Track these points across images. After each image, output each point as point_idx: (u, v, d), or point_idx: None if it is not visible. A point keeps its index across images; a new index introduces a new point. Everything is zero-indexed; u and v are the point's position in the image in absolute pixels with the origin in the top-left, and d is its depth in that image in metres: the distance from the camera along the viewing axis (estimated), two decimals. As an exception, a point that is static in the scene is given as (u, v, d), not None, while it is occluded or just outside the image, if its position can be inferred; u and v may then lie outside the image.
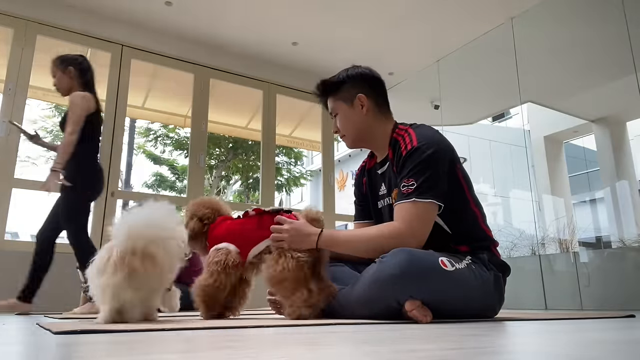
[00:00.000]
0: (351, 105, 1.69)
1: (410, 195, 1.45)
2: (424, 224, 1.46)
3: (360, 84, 1.70)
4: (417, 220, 1.45)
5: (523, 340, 0.83)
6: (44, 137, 10.66)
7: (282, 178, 11.85)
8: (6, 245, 3.30)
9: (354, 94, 1.68)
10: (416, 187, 1.45)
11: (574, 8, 3.86)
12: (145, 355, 0.66)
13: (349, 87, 1.69)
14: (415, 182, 1.45)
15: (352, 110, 1.69)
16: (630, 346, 0.73)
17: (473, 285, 1.41)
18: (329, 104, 1.76)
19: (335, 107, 1.73)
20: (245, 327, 1.17)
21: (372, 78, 1.74)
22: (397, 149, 1.57)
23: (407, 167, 1.49)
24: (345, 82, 1.71)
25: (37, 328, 1.26)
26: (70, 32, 3.81)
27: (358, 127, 1.69)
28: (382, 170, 1.69)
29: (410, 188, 1.46)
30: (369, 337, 0.87)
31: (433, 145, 1.50)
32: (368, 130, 1.69)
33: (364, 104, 1.68)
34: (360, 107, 1.68)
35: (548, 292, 3.47)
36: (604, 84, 4.19)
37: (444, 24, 4.05)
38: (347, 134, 1.72)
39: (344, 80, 1.71)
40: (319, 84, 1.78)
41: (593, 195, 5.47)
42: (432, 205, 1.45)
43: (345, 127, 1.71)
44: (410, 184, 1.46)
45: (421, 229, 1.45)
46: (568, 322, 1.40)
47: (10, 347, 0.79)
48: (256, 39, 4.27)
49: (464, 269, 1.41)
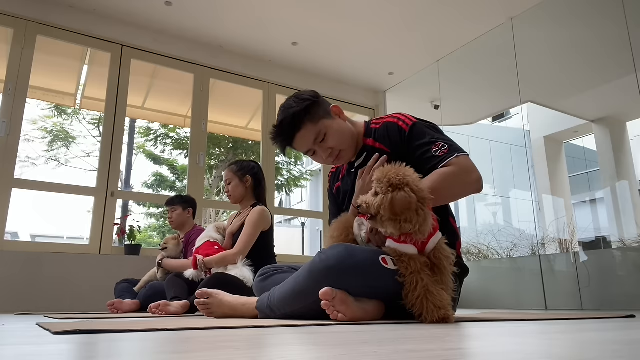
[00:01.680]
0: (333, 117, 1.65)
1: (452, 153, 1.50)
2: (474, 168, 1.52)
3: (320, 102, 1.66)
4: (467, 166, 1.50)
5: (523, 341, 0.83)
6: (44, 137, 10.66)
7: (282, 178, 11.84)
8: (6, 245, 3.30)
9: (326, 108, 1.65)
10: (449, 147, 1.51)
11: (574, 8, 3.86)
12: (145, 355, 0.66)
13: (317, 106, 1.63)
14: (445, 144, 1.52)
15: (337, 121, 1.66)
16: (631, 346, 0.73)
17: None
18: (312, 131, 1.60)
19: (321, 128, 1.61)
20: (245, 327, 1.17)
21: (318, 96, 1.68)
22: (393, 132, 1.60)
23: (421, 137, 1.55)
24: (313, 103, 1.62)
25: (37, 328, 1.26)
26: (70, 32, 3.81)
27: (351, 134, 1.67)
28: (358, 163, 1.69)
29: (444, 150, 1.51)
30: (369, 337, 0.87)
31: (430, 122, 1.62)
32: (353, 138, 1.68)
33: (339, 112, 1.68)
34: (338, 116, 1.67)
35: (548, 292, 3.47)
36: (604, 84, 4.19)
37: (444, 24, 4.05)
38: (345, 147, 1.66)
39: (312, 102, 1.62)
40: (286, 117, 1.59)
41: (593, 196, 5.46)
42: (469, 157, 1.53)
43: (341, 140, 1.63)
44: (441, 146, 1.51)
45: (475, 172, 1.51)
46: (568, 322, 1.40)
47: (10, 348, 0.79)
48: (256, 39, 4.27)
49: None
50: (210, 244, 2.75)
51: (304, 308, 1.40)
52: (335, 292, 1.30)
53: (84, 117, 10.82)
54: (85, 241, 3.78)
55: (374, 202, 1.28)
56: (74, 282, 3.36)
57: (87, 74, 4.44)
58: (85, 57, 4.24)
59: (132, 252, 3.67)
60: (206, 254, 2.69)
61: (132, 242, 3.78)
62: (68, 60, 4.21)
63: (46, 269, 3.30)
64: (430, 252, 1.34)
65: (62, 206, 20.94)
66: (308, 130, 1.60)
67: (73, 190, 3.74)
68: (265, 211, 2.77)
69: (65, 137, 10.88)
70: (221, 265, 2.63)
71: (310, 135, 1.61)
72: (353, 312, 1.31)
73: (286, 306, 1.45)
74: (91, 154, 11.22)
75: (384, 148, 1.61)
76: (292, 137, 1.62)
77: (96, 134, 10.98)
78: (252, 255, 2.66)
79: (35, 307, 3.18)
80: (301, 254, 12.31)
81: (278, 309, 1.47)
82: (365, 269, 1.33)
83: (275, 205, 4.66)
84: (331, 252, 1.36)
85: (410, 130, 1.57)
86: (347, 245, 1.41)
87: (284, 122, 1.60)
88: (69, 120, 10.77)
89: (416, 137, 1.56)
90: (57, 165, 10.95)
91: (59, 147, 10.90)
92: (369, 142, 1.66)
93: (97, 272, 3.44)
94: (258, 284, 1.77)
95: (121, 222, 3.95)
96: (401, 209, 1.24)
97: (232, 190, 2.85)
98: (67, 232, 14.77)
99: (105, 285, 3.24)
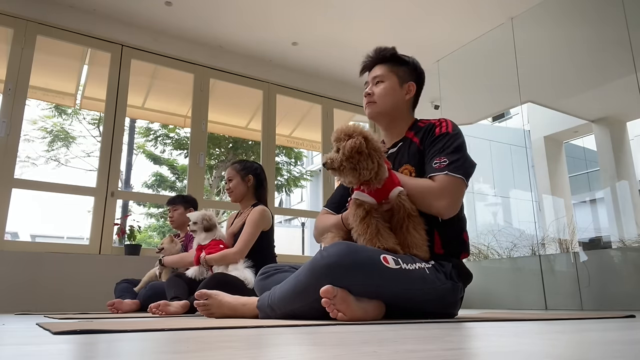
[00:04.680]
0: (401, 84, 1.77)
1: (444, 169, 1.53)
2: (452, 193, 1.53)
3: (416, 75, 1.80)
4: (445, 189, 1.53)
5: (523, 341, 0.83)
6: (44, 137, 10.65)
7: (282, 178, 11.84)
8: (6, 245, 3.30)
9: (407, 78, 1.78)
10: (448, 163, 1.55)
11: (574, 8, 3.86)
12: (145, 355, 0.66)
13: (408, 70, 1.78)
14: (447, 160, 1.55)
15: (399, 88, 1.77)
16: (631, 346, 0.73)
17: (416, 287, 1.41)
18: (378, 69, 1.79)
19: (385, 75, 1.77)
20: (245, 327, 1.17)
21: (423, 77, 1.84)
22: (429, 129, 1.67)
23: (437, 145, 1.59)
24: (408, 64, 1.79)
25: (37, 328, 1.26)
26: (70, 32, 3.81)
27: (394, 104, 1.76)
28: (391, 152, 1.75)
29: (442, 164, 1.55)
30: (369, 337, 0.87)
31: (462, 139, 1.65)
32: (398, 112, 1.77)
33: (411, 92, 1.78)
34: (406, 91, 1.77)
35: (548, 292, 3.47)
36: (604, 84, 4.19)
37: (444, 24, 4.05)
38: (380, 102, 1.76)
39: (409, 63, 1.79)
40: (381, 48, 1.80)
41: (593, 196, 5.46)
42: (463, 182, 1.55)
43: (383, 96, 1.76)
44: (442, 160, 1.56)
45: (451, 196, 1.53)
46: (568, 322, 1.40)
47: (10, 348, 0.79)
48: (256, 39, 4.27)
49: (414, 271, 1.41)
50: (216, 242, 2.75)
51: (304, 306, 1.40)
52: (336, 291, 1.29)
53: (84, 117, 10.82)
54: (85, 241, 3.78)
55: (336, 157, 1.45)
56: (74, 282, 3.36)
57: (87, 74, 4.44)
58: (85, 57, 4.24)
59: (132, 252, 3.67)
60: (209, 252, 2.69)
61: (132, 242, 3.79)
62: (68, 60, 4.21)
63: (46, 269, 3.30)
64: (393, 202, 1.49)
65: (62, 206, 20.95)
66: (381, 68, 1.79)
67: (73, 190, 3.74)
68: (266, 211, 2.77)
69: (65, 137, 10.89)
70: (222, 264, 2.63)
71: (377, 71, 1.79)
72: (353, 312, 1.31)
73: (287, 305, 1.44)
74: (91, 154, 11.23)
75: (419, 145, 1.67)
76: (372, 65, 1.83)
77: (96, 134, 10.99)
78: (252, 255, 2.66)
79: (35, 307, 3.18)
80: (301, 254, 12.30)
81: (279, 308, 1.47)
82: (367, 267, 1.34)
83: (275, 205, 4.65)
84: (333, 250, 1.36)
85: (440, 135, 1.62)
86: (349, 243, 1.42)
87: (393, 53, 1.80)
88: (69, 120, 10.78)
89: (435, 143, 1.61)
90: (57, 165, 10.96)
91: (59, 147, 10.90)
92: (409, 135, 1.73)
93: (97, 272, 3.44)
94: (259, 283, 1.77)
95: (121, 222, 3.95)
96: (352, 152, 1.41)
97: (233, 187, 2.85)
98: (67, 232, 14.79)
99: (105, 285, 3.24)
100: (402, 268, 1.38)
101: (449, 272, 1.52)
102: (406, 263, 1.40)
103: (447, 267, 1.53)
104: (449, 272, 1.52)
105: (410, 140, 1.70)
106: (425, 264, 1.47)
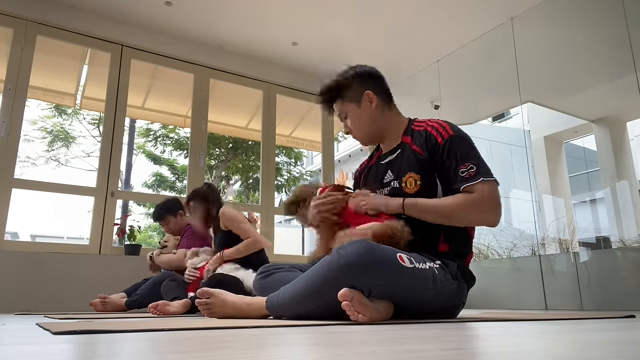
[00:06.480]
0: (360, 104, 1.72)
1: (477, 177, 1.50)
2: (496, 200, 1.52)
3: (364, 81, 1.73)
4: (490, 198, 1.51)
5: (523, 341, 0.83)
6: (44, 137, 10.65)
7: (282, 178, 11.84)
8: (6, 245, 3.30)
9: (360, 92, 1.72)
10: (477, 169, 1.51)
11: (574, 8, 3.86)
12: (145, 355, 0.66)
13: (354, 87, 1.72)
14: (474, 165, 1.52)
15: (362, 108, 1.72)
16: (631, 346, 0.73)
17: (429, 287, 1.40)
18: (336, 108, 1.79)
19: (344, 109, 1.76)
20: (245, 327, 1.17)
21: (373, 74, 1.77)
22: (428, 139, 1.61)
23: (453, 153, 1.55)
24: (349, 83, 1.73)
25: (37, 328, 1.26)
26: (70, 32, 3.80)
27: (370, 124, 1.73)
28: (390, 158, 1.71)
29: (471, 172, 1.51)
30: (369, 337, 0.87)
31: (466, 135, 1.62)
32: (380, 125, 1.73)
33: (373, 99, 1.72)
34: (369, 103, 1.72)
35: (548, 292, 3.47)
36: (604, 84, 4.18)
37: (444, 24, 4.05)
38: (359, 132, 1.75)
39: (348, 82, 1.73)
40: (322, 90, 1.78)
41: (593, 196, 5.46)
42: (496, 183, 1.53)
43: (357, 127, 1.75)
44: (469, 167, 1.52)
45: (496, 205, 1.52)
46: (568, 322, 1.40)
47: (10, 348, 0.79)
48: (256, 39, 4.27)
49: (426, 270, 1.40)
50: None
51: (318, 308, 1.36)
52: (352, 293, 1.26)
53: (84, 117, 10.83)
54: (85, 241, 3.78)
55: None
56: (74, 282, 3.36)
57: (87, 74, 4.44)
58: (85, 57, 4.24)
59: (132, 252, 3.67)
60: None
61: (132, 242, 3.78)
62: (68, 60, 4.21)
63: (46, 269, 3.30)
64: None
65: (62, 206, 20.95)
66: (337, 105, 1.79)
67: (73, 190, 3.74)
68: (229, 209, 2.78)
69: (65, 137, 10.89)
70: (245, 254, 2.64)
71: (337, 109, 1.80)
72: (371, 313, 1.29)
73: (299, 306, 1.40)
74: (91, 154, 11.23)
75: (421, 153, 1.61)
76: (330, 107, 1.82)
77: (96, 134, 10.99)
78: None
79: (35, 307, 3.18)
80: (301, 254, 12.30)
81: (290, 309, 1.42)
82: (386, 266, 1.32)
83: (275, 205, 4.65)
84: (351, 249, 1.32)
85: (445, 143, 1.57)
86: (367, 241, 1.38)
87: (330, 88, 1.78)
88: (69, 120, 10.78)
89: (449, 152, 1.56)
90: (57, 165, 10.97)
91: (59, 147, 10.90)
92: (406, 141, 1.68)
93: (97, 272, 3.44)
94: (258, 282, 1.74)
95: (121, 222, 3.95)
96: None
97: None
98: (67, 232, 14.79)
99: (105, 285, 3.24)
100: (415, 267, 1.37)
101: (454, 273, 1.51)
102: (418, 262, 1.39)
103: (453, 267, 1.52)
104: (455, 272, 1.51)
105: (408, 146, 1.66)
106: (433, 264, 1.45)
